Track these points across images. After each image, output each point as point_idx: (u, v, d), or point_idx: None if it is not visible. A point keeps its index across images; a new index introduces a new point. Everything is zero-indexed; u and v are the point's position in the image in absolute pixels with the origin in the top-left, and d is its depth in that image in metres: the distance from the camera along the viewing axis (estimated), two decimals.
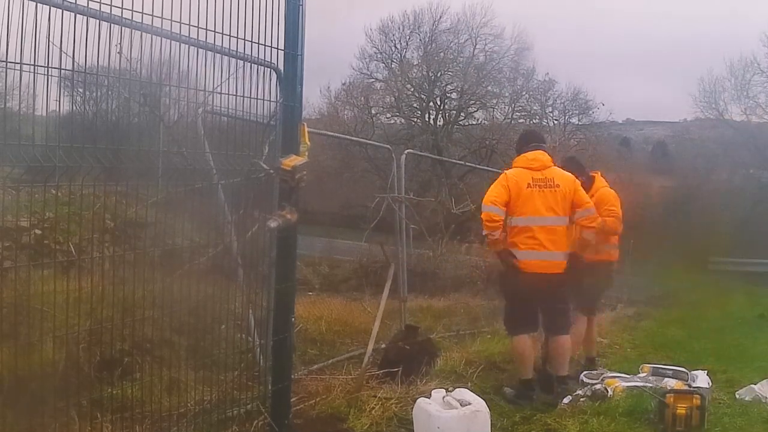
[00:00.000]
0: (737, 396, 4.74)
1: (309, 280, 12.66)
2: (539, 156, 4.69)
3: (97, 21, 2.53)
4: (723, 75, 27.30)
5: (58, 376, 2.86)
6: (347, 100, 27.90)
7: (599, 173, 5.66)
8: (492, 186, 4.64)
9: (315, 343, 6.11)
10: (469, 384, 4.58)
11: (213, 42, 2.94)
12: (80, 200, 2.73)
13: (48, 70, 2.38)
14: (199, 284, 3.26)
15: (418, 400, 3.53)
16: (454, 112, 27.95)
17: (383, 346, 5.15)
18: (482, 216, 4.57)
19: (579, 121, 28.02)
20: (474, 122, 28.11)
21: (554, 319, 4.72)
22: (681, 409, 3.87)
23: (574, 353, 5.16)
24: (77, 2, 2.45)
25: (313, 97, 26.90)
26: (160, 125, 3.27)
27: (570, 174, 4.79)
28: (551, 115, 27.78)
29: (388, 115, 28.42)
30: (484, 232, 4.61)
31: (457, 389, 3.57)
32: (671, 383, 4.59)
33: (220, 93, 3.09)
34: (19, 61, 2.31)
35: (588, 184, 5.32)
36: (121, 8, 2.56)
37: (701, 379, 4.75)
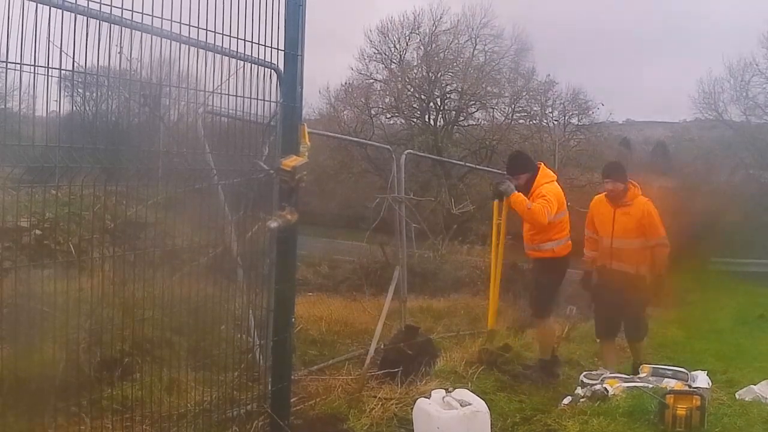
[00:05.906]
0: (737, 396, 4.74)
1: (309, 280, 12.66)
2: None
3: (97, 21, 2.53)
4: (722, 76, 27.33)
5: (59, 377, 2.86)
6: (347, 101, 27.88)
7: (543, 164, 5.44)
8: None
9: (315, 344, 6.12)
10: (469, 384, 4.58)
11: (213, 42, 2.94)
12: (80, 201, 2.73)
13: (48, 71, 2.38)
14: (200, 285, 3.26)
15: (418, 401, 3.52)
16: (454, 112, 27.92)
17: (383, 346, 5.14)
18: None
19: (579, 121, 27.98)
20: (474, 123, 28.10)
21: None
22: (681, 410, 3.87)
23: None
24: (77, 2, 2.45)
25: (313, 98, 26.91)
26: (160, 126, 3.27)
27: None
28: (551, 115, 27.78)
29: (388, 116, 28.40)
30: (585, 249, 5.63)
31: (457, 389, 3.56)
32: (671, 384, 4.58)
33: (221, 93, 3.08)
34: (19, 62, 2.31)
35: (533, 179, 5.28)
36: (122, 8, 2.56)
37: (701, 380, 4.75)
